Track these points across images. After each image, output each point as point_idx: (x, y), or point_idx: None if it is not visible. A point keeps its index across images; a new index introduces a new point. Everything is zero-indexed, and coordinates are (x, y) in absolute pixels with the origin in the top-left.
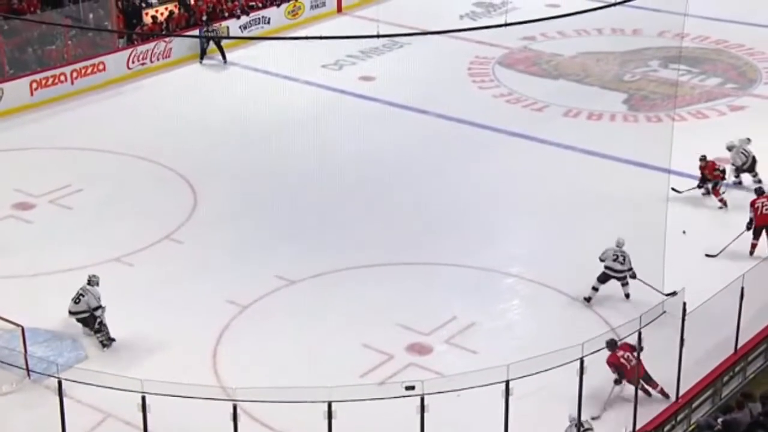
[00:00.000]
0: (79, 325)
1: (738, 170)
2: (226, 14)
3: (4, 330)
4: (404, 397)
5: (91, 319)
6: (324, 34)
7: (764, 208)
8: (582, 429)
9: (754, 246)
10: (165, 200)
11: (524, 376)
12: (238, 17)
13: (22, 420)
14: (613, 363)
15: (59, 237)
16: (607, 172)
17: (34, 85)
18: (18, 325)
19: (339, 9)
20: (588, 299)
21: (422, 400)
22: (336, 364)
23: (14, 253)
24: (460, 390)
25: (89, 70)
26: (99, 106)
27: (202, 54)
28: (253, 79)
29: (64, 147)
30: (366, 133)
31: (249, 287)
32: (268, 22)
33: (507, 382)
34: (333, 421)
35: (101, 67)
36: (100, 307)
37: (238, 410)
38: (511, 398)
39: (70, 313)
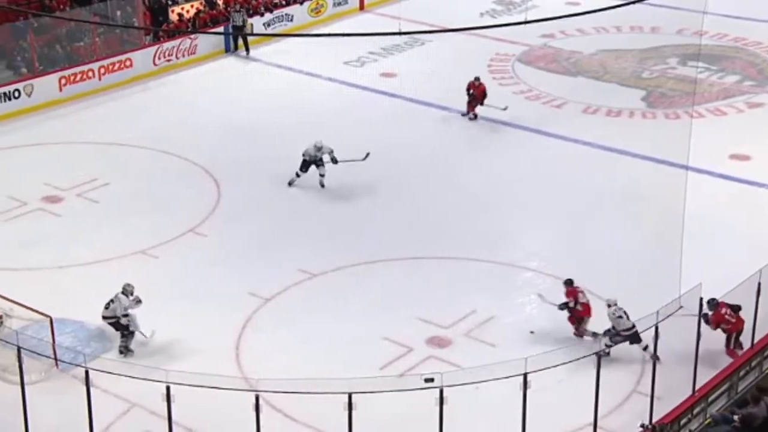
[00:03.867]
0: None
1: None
2: (251, 11)
3: (32, 320)
4: (423, 389)
5: (118, 324)
6: (346, 32)
7: None
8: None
9: None
10: (189, 194)
11: (542, 369)
12: (262, 14)
13: (50, 408)
14: (718, 321)
15: (86, 230)
16: (626, 168)
17: (63, 80)
18: (46, 316)
19: (361, 6)
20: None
21: (441, 392)
22: (356, 357)
23: (43, 246)
24: (478, 382)
25: (116, 67)
26: (126, 102)
27: (236, 46)
28: (277, 75)
29: (92, 141)
30: (387, 130)
31: (271, 280)
32: (291, 20)
33: (525, 375)
34: (353, 412)
35: (128, 63)
36: (125, 315)
37: (261, 401)
38: (529, 391)
39: (103, 317)
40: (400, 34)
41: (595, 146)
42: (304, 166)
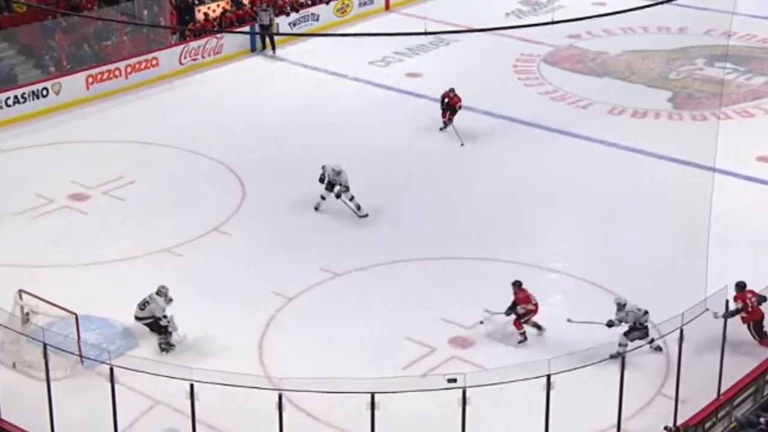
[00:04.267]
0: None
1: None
2: (277, 10)
3: (58, 317)
4: (446, 389)
5: (155, 324)
6: (371, 32)
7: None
8: None
9: None
10: (214, 193)
11: (565, 371)
12: (288, 14)
13: (75, 404)
14: (741, 299)
15: (112, 227)
16: (651, 169)
17: (90, 79)
18: (72, 313)
19: (387, 6)
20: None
21: (464, 392)
22: (379, 356)
23: (69, 243)
24: (502, 383)
25: (143, 66)
26: (152, 101)
27: (263, 45)
28: (302, 75)
29: (118, 140)
30: (411, 129)
31: (295, 279)
32: (317, 19)
33: (548, 377)
34: (376, 412)
35: (155, 62)
36: (165, 317)
37: (283, 400)
38: (552, 392)
39: (136, 317)
40: (425, 34)
41: (620, 147)
42: (329, 186)
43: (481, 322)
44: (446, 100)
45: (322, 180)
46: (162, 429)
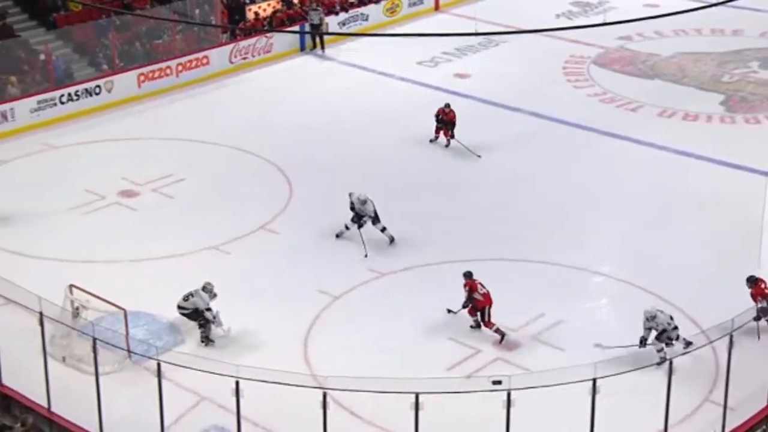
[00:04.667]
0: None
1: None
2: (326, 10)
3: (107, 312)
4: (491, 391)
5: (194, 314)
6: (421, 32)
7: None
8: None
9: None
10: (262, 191)
11: (612, 375)
12: (337, 13)
13: (122, 399)
14: (759, 295)
15: (161, 224)
16: (702, 173)
17: (142, 77)
18: (121, 309)
19: (436, 7)
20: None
21: (509, 395)
22: (424, 357)
23: (118, 239)
24: (547, 386)
25: (194, 64)
26: (202, 99)
27: (313, 45)
28: (350, 74)
29: (168, 137)
30: (458, 130)
31: (341, 278)
32: (366, 19)
33: (594, 380)
34: (420, 412)
35: (205, 61)
36: (209, 310)
37: (327, 398)
38: (597, 396)
39: (178, 307)
40: (473, 34)
41: (670, 150)
42: (356, 218)
43: (450, 311)
44: (440, 116)
45: (352, 208)
46: (207, 425)
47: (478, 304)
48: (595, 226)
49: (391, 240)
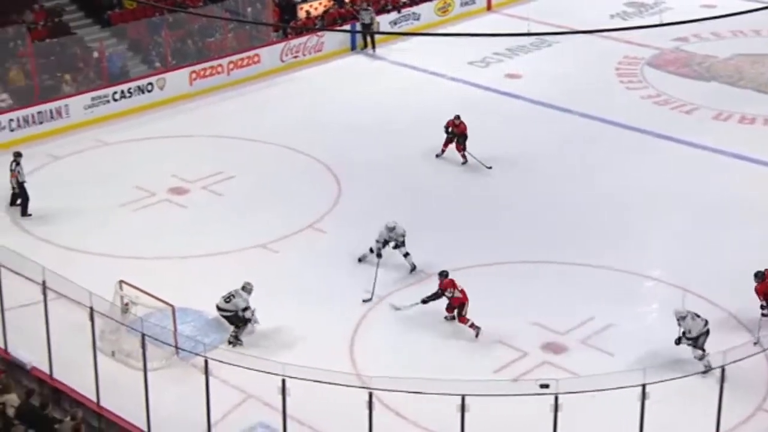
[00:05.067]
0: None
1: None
2: (378, 9)
3: (156, 308)
4: (538, 395)
5: (235, 318)
6: (473, 32)
7: None
8: None
9: None
10: (310, 190)
11: (662, 381)
12: (389, 12)
13: (170, 395)
14: (764, 291)
15: (210, 222)
16: (758, 177)
17: (193, 75)
18: (169, 305)
19: (489, 7)
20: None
21: (556, 399)
22: (470, 358)
23: (168, 236)
24: (595, 391)
25: (245, 62)
26: (252, 97)
27: (364, 44)
28: (401, 74)
29: (218, 135)
30: (509, 131)
31: (388, 278)
32: (418, 18)
33: (644, 386)
34: (466, 414)
35: (256, 59)
36: (248, 308)
37: (373, 398)
38: (647, 402)
39: (218, 308)
40: (528, 35)
41: (726, 154)
42: (383, 244)
43: (397, 308)
44: (450, 128)
45: (384, 240)
46: (253, 423)
47: (455, 301)
48: (646, 230)
49: (413, 268)
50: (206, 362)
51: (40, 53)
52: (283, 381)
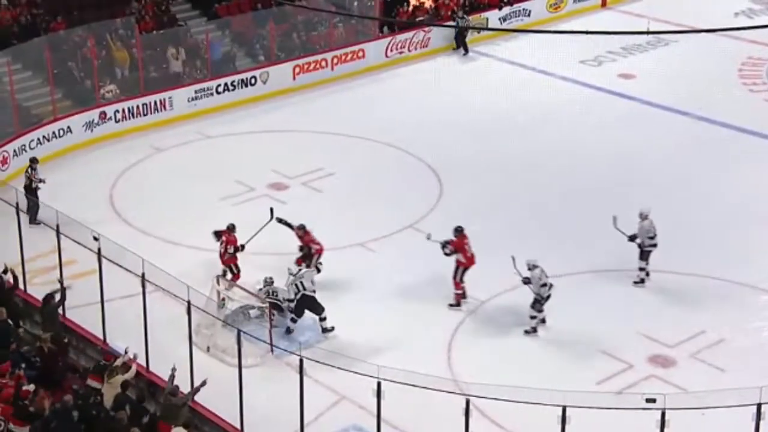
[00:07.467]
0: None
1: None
2: (488, 3)
3: (252, 305)
4: (643, 409)
5: (274, 306)
6: (586, 29)
7: None
8: None
9: None
10: (411, 189)
11: None
12: (500, 8)
13: (263, 392)
14: None
15: (308, 218)
16: None
17: (297, 69)
18: (264, 303)
19: (603, 4)
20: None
21: (663, 414)
22: (573, 368)
23: (266, 232)
24: (705, 408)
25: (349, 57)
26: (356, 93)
27: (460, 44)
28: (509, 71)
29: (320, 131)
30: (620, 133)
31: (488, 283)
32: (529, 15)
33: (759, 406)
34: (566, 426)
35: (361, 54)
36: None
37: (471, 406)
38: (762, 423)
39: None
40: (647, 33)
41: None
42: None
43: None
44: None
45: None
46: (346, 425)
47: (461, 264)
48: (764, 241)
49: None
50: (301, 361)
51: (147, 45)
52: (379, 384)
